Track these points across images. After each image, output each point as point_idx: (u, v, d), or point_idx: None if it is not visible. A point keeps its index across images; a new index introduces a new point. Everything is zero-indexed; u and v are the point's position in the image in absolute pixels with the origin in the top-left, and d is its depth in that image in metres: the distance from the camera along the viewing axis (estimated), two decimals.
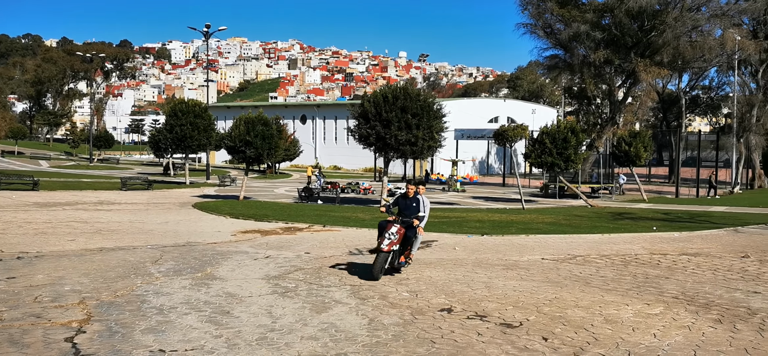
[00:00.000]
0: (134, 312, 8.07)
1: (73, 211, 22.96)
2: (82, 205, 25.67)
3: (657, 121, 72.12)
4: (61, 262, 11.98)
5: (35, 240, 15.13)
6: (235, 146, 30.06)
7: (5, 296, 8.85)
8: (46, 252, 13.26)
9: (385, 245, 10.29)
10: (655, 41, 44.29)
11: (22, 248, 13.78)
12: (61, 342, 6.70)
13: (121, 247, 14.29)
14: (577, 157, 31.98)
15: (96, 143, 77.27)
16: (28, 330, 7.11)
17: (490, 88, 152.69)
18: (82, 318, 7.66)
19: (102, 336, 6.96)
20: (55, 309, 8.16)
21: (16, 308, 8.15)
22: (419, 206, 10.94)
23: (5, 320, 7.54)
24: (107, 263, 11.94)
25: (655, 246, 15.74)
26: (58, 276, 10.41)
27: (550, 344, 6.84)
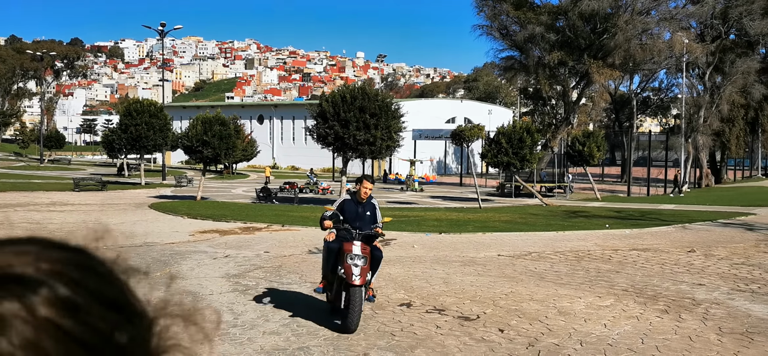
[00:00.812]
0: None
1: (25, 212, 22.50)
2: (34, 206, 25.16)
3: (610, 121, 73.80)
4: None
5: None
6: (192, 146, 29.82)
7: None
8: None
9: (357, 277, 7.18)
10: (607, 44, 45.40)
11: None
12: None
13: None
14: (533, 157, 32.61)
15: (46, 144, 75.49)
16: None
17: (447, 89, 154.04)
18: None
19: None
20: None
21: None
22: (375, 214, 8.20)
23: None
24: None
25: (607, 243, 16.21)
26: None
27: (506, 335, 7.09)
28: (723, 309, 8.40)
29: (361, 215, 7.94)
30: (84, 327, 0.38)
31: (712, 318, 7.89)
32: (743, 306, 8.62)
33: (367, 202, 8.16)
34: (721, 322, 7.72)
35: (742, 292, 9.51)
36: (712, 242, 15.89)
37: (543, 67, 47.11)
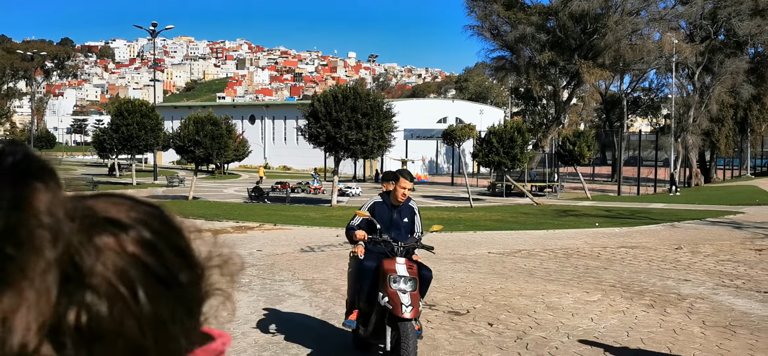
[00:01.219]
0: None
1: None
2: None
3: (600, 121, 74.23)
4: None
5: None
6: (184, 146, 29.87)
7: None
8: None
9: (408, 308, 5.47)
10: (598, 44, 45.72)
11: None
12: None
13: None
14: (524, 156, 32.86)
15: (37, 144, 75.30)
16: None
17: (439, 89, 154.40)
18: None
19: None
20: None
21: None
22: (414, 221, 6.56)
23: None
24: None
25: (597, 241, 16.40)
26: None
27: (495, 329, 7.24)
28: (707, 304, 8.58)
29: (396, 223, 6.19)
30: (159, 264, 0.50)
31: (697, 312, 8.07)
32: (727, 300, 8.81)
33: (405, 206, 6.36)
34: (705, 316, 7.89)
35: (727, 287, 9.71)
36: (700, 239, 16.11)
37: (534, 67, 47.40)
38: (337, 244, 15.55)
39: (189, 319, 0.52)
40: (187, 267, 0.54)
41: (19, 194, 0.44)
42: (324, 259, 12.67)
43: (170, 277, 0.51)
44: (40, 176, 0.47)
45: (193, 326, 0.53)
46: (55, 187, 0.47)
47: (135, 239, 0.50)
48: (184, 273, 0.53)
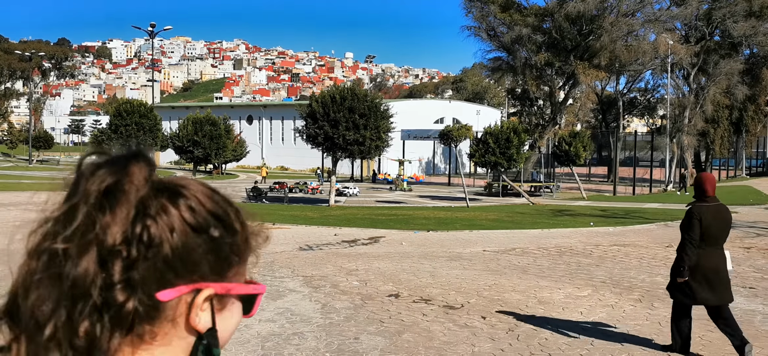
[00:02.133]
0: None
1: (19, 212, 22.74)
2: (26, 206, 25.38)
3: (597, 122, 74.55)
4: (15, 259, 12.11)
5: None
6: (183, 146, 30.14)
7: None
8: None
9: None
10: (593, 45, 46.03)
11: None
12: None
13: None
14: (520, 156, 33.13)
15: (35, 144, 75.39)
16: None
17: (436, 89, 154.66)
18: None
19: None
20: None
21: None
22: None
23: None
24: None
25: (591, 239, 16.69)
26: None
27: (488, 321, 7.53)
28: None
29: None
30: (192, 217, 0.77)
31: None
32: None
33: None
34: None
35: None
36: None
37: (530, 68, 47.72)
38: (335, 243, 15.83)
39: (217, 259, 0.79)
40: (220, 226, 0.80)
41: (126, 165, 0.78)
42: (322, 257, 12.94)
43: (199, 227, 0.78)
44: (139, 160, 0.79)
45: (223, 266, 0.80)
46: (145, 166, 0.79)
47: (180, 201, 0.78)
48: (214, 229, 0.79)
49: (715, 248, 6.03)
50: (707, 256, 5.96)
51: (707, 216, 5.96)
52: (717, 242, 6.05)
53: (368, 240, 16.35)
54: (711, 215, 5.98)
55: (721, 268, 5.99)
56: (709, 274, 5.96)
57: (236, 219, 0.83)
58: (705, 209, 6.00)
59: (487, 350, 6.39)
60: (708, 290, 5.94)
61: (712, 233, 5.98)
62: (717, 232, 6.01)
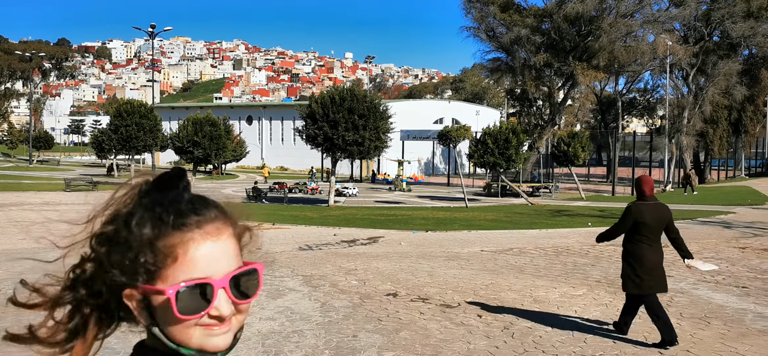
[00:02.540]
0: None
1: (20, 211, 22.89)
2: (28, 206, 25.52)
3: (597, 122, 74.68)
4: (16, 261, 12.24)
5: None
6: (183, 147, 30.28)
7: None
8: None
9: None
10: (592, 46, 46.17)
11: None
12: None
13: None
14: (519, 157, 33.26)
15: (35, 144, 75.52)
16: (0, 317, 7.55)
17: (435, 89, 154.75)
18: None
19: None
20: None
21: None
22: None
23: None
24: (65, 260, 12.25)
25: (588, 240, 16.77)
26: (18, 272, 10.74)
27: (484, 320, 7.67)
28: (687, 298, 9.02)
29: None
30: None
31: (676, 305, 8.51)
32: (706, 295, 9.25)
33: None
34: (683, 309, 8.33)
35: (707, 283, 10.15)
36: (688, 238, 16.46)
37: (529, 68, 47.86)
38: (335, 243, 15.97)
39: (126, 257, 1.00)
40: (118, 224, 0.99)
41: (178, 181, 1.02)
42: (322, 257, 13.08)
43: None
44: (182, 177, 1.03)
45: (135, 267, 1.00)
46: (187, 183, 1.03)
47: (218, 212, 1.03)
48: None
49: (657, 243, 6.68)
50: (652, 252, 6.60)
51: (646, 213, 6.57)
52: (657, 236, 6.67)
53: (367, 240, 16.49)
54: (649, 212, 6.59)
55: (659, 261, 6.66)
56: (652, 266, 6.57)
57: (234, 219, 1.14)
58: (644, 207, 6.64)
59: (482, 347, 6.53)
60: (655, 281, 6.59)
61: (652, 228, 6.60)
62: (656, 226, 6.61)
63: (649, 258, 6.57)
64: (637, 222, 6.62)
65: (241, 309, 1.01)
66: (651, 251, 6.60)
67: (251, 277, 1.00)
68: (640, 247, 6.61)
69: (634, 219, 6.65)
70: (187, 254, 0.96)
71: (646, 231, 6.58)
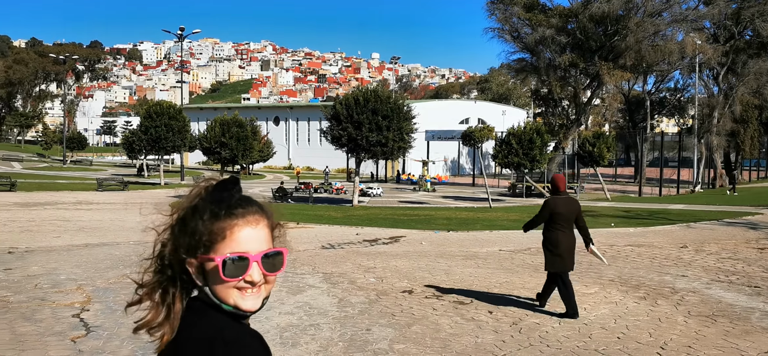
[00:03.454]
0: (129, 294, 8.96)
1: (54, 210, 23.62)
2: (62, 205, 26.29)
3: (625, 122, 74.04)
4: (51, 256, 12.80)
5: (22, 237, 15.87)
6: (210, 147, 30.88)
7: (7, 284, 9.71)
8: (35, 247, 14.04)
9: None
10: (618, 45, 45.90)
11: (11, 244, 14.53)
12: (70, 318, 7.63)
13: (105, 243, 15.10)
14: (543, 157, 33.29)
15: (69, 145, 77.10)
16: (37, 310, 8.02)
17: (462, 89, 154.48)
18: (83, 300, 8.58)
19: (104, 312, 7.90)
20: (57, 293, 9.06)
21: (20, 293, 9.03)
22: None
23: (13, 303, 8.42)
24: (95, 256, 12.78)
25: (609, 240, 16.88)
26: (51, 267, 11.26)
27: (494, 316, 7.93)
28: (697, 297, 9.18)
29: None
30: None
31: (686, 304, 8.68)
32: (717, 294, 9.39)
33: None
34: (692, 307, 8.50)
35: (720, 282, 10.28)
36: (709, 239, 16.56)
37: (554, 69, 47.74)
38: (357, 242, 16.30)
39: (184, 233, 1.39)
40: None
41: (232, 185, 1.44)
42: (343, 255, 13.41)
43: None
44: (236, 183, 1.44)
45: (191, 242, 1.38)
46: (239, 187, 1.43)
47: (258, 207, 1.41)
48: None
49: (569, 230, 7.90)
50: (565, 236, 7.82)
51: (559, 205, 7.83)
52: (569, 225, 7.89)
53: (389, 240, 16.78)
54: (562, 205, 7.86)
55: (572, 245, 7.90)
56: (566, 249, 7.78)
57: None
58: (558, 200, 7.91)
59: (489, 341, 6.80)
60: (568, 260, 7.80)
61: (565, 218, 7.85)
62: (568, 216, 7.86)
63: (564, 242, 7.76)
64: (553, 213, 7.80)
65: (269, 280, 1.40)
66: (565, 236, 7.80)
67: (278, 257, 1.40)
68: (556, 233, 7.80)
69: (551, 211, 7.81)
70: (232, 235, 1.36)
71: (561, 220, 7.80)
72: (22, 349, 6.40)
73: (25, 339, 6.73)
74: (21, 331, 7.05)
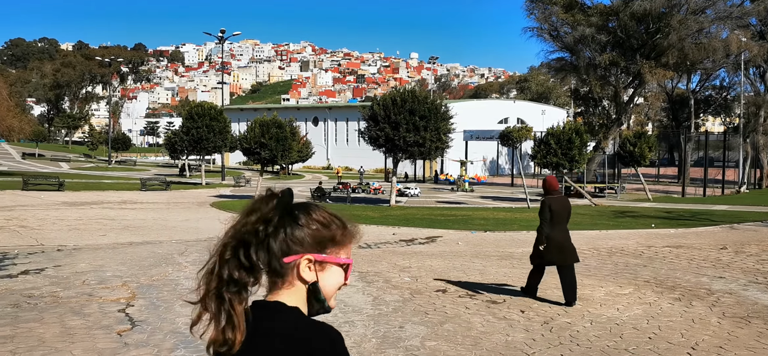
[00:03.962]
0: (171, 291, 9.33)
1: (100, 209, 24.36)
2: (108, 204, 27.07)
3: (669, 121, 72.73)
4: (97, 253, 13.27)
5: (70, 235, 16.46)
6: (250, 148, 31.37)
7: (57, 280, 10.15)
8: (82, 245, 14.56)
9: None
10: (661, 44, 45.18)
11: (59, 242, 15.09)
12: (116, 312, 7.97)
13: (148, 241, 15.56)
14: (582, 157, 32.98)
15: (114, 145, 79.01)
16: (85, 305, 8.39)
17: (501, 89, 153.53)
18: (128, 296, 8.94)
19: (148, 308, 8.23)
20: (103, 289, 9.44)
21: (69, 289, 9.44)
22: None
23: (62, 298, 8.82)
24: (139, 254, 13.21)
25: (648, 241, 16.71)
26: (98, 265, 11.70)
27: (526, 315, 8.03)
28: (733, 298, 9.11)
29: None
30: (304, 224, 1.57)
31: (721, 305, 8.63)
32: (754, 295, 9.31)
33: None
34: (727, 308, 8.46)
35: (758, 284, 10.17)
36: (753, 240, 16.29)
37: (594, 68, 47.21)
38: (393, 241, 16.46)
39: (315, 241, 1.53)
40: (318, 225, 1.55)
41: (272, 199, 1.54)
42: (379, 254, 13.60)
43: (304, 225, 1.54)
44: (279, 195, 1.56)
45: (321, 246, 1.54)
46: (284, 197, 1.55)
47: (302, 214, 1.55)
48: (314, 226, 1.55)
49: (562, 226, 8.56)
50: (557, 232, 8.51)
51: (554, 205, 8.54)
52: (562, 222, 8.56)
53: (425, 240, 16.91)
54: (557, 204, 8.57)
55: (566, 239, 8.57)
56: (558, 244, 8.47)
57: (332, 222, 1.59)
58: (553, 200, 8.60)
59: (519, 339, 6.91)
60: (557, 255, 8.48)
61: (559, 214, 8.54)
62: (561, 214, 8.56)
63: (557, 238, 8.47)
64: (552, 211, 8.54)
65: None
66: (559, 232, 8.52)
67: None
68: (554, 232, 8.50)
69: (550, 209, 8.54)
70: (349, 246, 1.61)
71: (556, 217, 8.50)
72: (72, 341, 6.73)
73: (75, 332, 7.08)
74: (70, 324, 7.40)
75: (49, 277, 10.37)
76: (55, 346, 6.56)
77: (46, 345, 6.57)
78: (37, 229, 17.56)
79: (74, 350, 6.45)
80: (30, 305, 8.34)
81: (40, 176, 42.48)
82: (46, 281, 10.03)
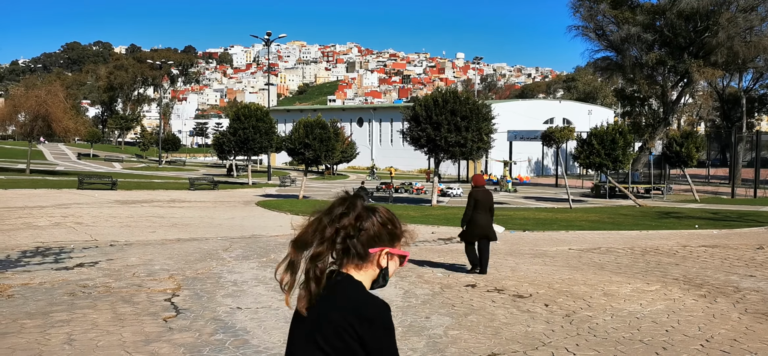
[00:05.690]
0: (214, 283, 9.90)
1: (150, 207, 25.33)
2: (157, 202, 28.10)
3: (721, 121, 71.14)
4: (147, 249, 13.99)
5: (122, 232, 17.29)
6: (295, 149, 32.10)
7: (109, 272, 10.83)
8: (133, 241, 15.32)
9: None
10: (709, 42, 44.43)
11: (112, 238, 15.90)
12: (162, 301, 8.56)
13: (195, 238, 16.25)
14: (626, 157, 32.71)
15: (164, 146, 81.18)
16: (134, 294, 9.01)
17: (548, 89, 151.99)
18: (174, 287, 9.54)
19: (192, 298, 8.80)
20: (151, 281, 10.07)
21: (120, 280, 10.09)
22: None
23: (114, 288, 9.47)
24: (185, 250, 13.87)
25: (689, 242, 16.60)
26: (147, 259, 12.38)
27: (549, 309, 8.31)
28: (759, 295, 9.21)
29: None
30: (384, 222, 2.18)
31: (744, 302, 8.76)
32: None
33: None
34: (750, 305, 8.58)
35: None
36: None
37: (640, 67, 46.64)
38: (431, 240, 16.80)
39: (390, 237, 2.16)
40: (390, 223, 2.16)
41: (356, 200, 2.18)
42: (415, 252, 13.96)
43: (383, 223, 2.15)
44: (361, 196, 2.20)
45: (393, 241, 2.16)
46: (362, 198, 2.19)
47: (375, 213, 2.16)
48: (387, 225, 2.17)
49: (485, 212, 10.95)
50: (480, 215, 10.88)
51: (479, 196, 11.03)
52: (485, 209, 10.97)
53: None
54: (480, 195, 11.05)
55: (487, 222, 10.93)
56: (480, 225, 10.85)
57: (397, 222, 2.17)
58: (478, 191, 11.10)
59: (539, 330, 7.21)
60: (480, 232, 10.86)
61: (483, 204, 10.97)
62: (484, 202, 11.00)
63: (480, 222, 10.83)
64: (475, 200, 10.95)
65: None
66: (482, 217, 10.87)
67: None
68: (476, 215, 10.88)
69: (474, 199, 10.95)
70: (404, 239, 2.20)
71: (479, 206, 10.94)
72: (122, 325, 7.32)
73: (125, 318, 7.67)
74: (121, 311, 8.00)
75: (102, 269, 11.07)
76: (107, 329, 7.15)
77: (98, 328, 7.17)
78: (92, 225, 18.47)
79: (124, 332, 7.02)
80: (84, 294, 9.00)
81: (95, 176, 44.12)
82: (99, 273, 10.73)
